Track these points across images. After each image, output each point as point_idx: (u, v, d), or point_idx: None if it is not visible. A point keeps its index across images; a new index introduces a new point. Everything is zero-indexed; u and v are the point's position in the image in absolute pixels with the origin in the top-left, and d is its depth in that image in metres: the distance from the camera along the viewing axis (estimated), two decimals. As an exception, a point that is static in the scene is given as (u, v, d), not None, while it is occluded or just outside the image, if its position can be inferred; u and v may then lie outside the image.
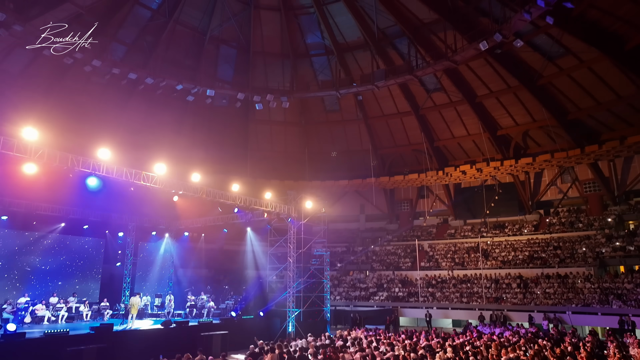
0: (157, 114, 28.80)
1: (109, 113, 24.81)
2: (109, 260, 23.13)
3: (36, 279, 19.80)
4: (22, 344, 12.57)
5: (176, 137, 28.59)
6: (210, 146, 31.76)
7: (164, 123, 28.86)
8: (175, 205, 19.28)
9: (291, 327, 20.78)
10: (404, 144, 37.71)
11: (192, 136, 32.54)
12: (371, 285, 34.25)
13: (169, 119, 30.01)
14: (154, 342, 15.40)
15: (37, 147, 12.59)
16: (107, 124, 22.01)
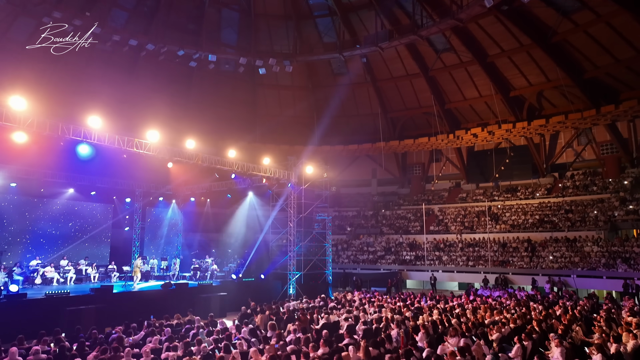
0: (158, 82, 28.90)
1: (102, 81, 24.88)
2: (118, 225, 23.91)
3: (47, 243, 20.69)
4: (23, 304, 13.32)
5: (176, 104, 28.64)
6: (215, 112, 31.77)
7: (163, 91, 28.93)
8: (178, 171, 19.63)
9: (292, 290, 21.29)
10: (414, 107, 36.98)
11: (199, 102, 32.63)
12: (379, 249, 34.55)
13: (172, 86, 30.08)
14: (152, 303, 16.05)
15: (27, 115, 12.87)
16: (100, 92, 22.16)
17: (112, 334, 10.36)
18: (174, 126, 19.61)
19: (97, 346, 9.39)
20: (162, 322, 12.13)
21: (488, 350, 9.83)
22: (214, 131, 26.60)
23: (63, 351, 8.92)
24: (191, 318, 12.89)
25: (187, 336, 10.74)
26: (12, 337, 10.18)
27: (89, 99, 18.17)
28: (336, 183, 45.23)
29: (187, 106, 29.75)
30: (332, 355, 8.57)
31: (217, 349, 9.33)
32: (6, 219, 19.72)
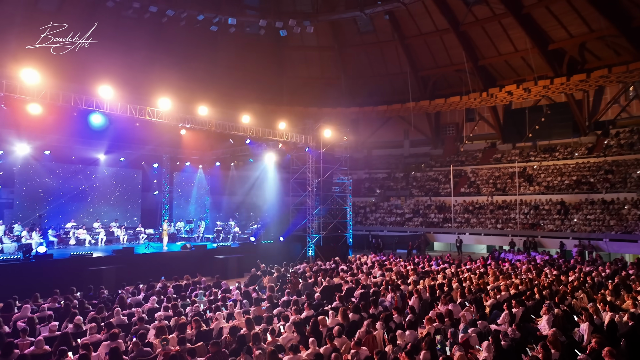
0: (187, 48, 29.17)
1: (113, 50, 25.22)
2: (147, 189, 25.03)
3: (80, 206, 22.05)
4: (50, 264, 14.44)
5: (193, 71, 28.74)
6: (238, 77, 31.83)
7: (182, 58, 29.14)
8: (201, 136, 20.13)
9: (311, 252, 21.75)
10: (445, 65, 35.46)
11: (225, 67, 32.75)
12: (407, 211, 34.33)
13: (194, 52, 30.29)
14: (171, 264, 16.94)
15: (40, 88, 13.48)
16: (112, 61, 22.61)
17: (119, 294, 11.10)
18: (189, 93, 19.88)
19: (101, 304, 10.13)
20: (166, 283, 12.83)
21: (475, 317, 9.76)
22: (234, 97, 26.70)
23: (68, 308, 9.69)
24: (198, 279, 13.53)
25: (188, 297, 11.34)
26: (40, 294, 11.16)
27: (100, 68, 18.63)
28: (367, 145, 44.86)
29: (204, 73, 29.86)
30: (315, 318, 8.78)
31: (208, 310, 9.81)
32: (42, 184, 21.08)
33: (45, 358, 6.67)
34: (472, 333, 7.98)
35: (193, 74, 28.00)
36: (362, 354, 6.85)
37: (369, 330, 7.99)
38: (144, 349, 6.90)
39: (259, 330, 8.15)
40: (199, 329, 8.19)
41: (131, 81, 19.26)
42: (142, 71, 23.98)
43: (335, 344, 7.34)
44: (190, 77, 26.93)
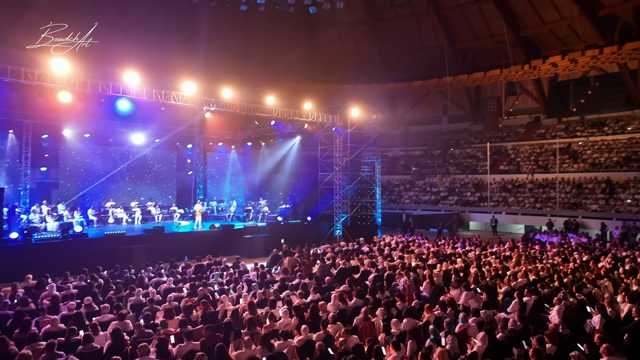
0: (217, 29, 29.39)
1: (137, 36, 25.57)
2: (181, 169, 25.87)
3: (119, 186, 23.17)
4: (86, 242, 15.39)
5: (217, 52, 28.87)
6: (271, 56, 31.78)
7: (213, 37, 29.29)
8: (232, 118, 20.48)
9: (338, 232, 21.88)
10: (485, 36, 33.86)
11: (260, 46, 32.77)
12: (443, 190, 33.64)
13: (226, 32, 30.46)
14: (199, 243, 17.59)
15: (69, 76, 14.12)
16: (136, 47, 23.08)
17: (140, 273, 11.71)
18: (213, 76, 20.16)
19: (119, 285, 10.76)
20: (188, 263, 13.37)
21: (479, 305, 9.54)
22: (261, 78, 26.76)
23: (91, 287, 10.37)
24: (219, 259, 13.99)
25: (206, 277, 11.79)
26: (74, 272, 12.00)
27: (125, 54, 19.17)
28: (404, 121, 44.00)
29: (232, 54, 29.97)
30: (316, 303, 8.93)
31: (220, 291, 10.16)
32: (84, 165, 22.28)
33: (58, 336, 7.20)
34: (473, 323, 7.85)
35: (219, 56, 28.25)
36: (352, 342, 6.92)
37: (367, 317, 8.04)
38: (145, 330, 7.32)
39: (260, 314, 8.40)
40: (205, 311, 8.54)
41: (156, 66, 19.75)
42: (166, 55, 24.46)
43: (329, 330, 7.45)
44: (216, 59, 27.23)
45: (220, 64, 25.87)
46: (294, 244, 18.73)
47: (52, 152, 21.64)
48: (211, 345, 6.75)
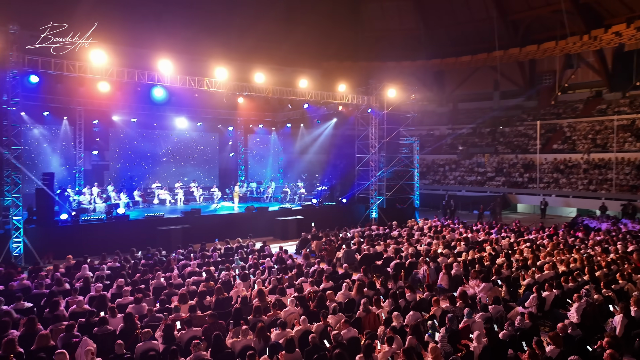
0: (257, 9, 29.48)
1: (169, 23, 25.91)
2: (223, 151, 26.63)
3: (164, 168, 24.31)
4: (127, 223, 16.38)
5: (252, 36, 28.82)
6: (312, 34, 31.48)
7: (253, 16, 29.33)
8: (269, 100, 20.72)
9: (374, 214, 21.78)
10: (539, 5, 31.71)
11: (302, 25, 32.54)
12: (490, 170, 32.37)
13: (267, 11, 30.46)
14: (234, 224, 18.16)
15: (107, 67, 14.84)
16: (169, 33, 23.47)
17: (168, 256, 12.34)
18: (247, 61, 20.34)
19: (154, 265, 11.42)
20: (217, 245, 13.89)
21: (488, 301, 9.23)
22: (296, 58, 26.63)
23: (123, 268, 11.10)
24: (246, 242, 14.41)
25: (230, 261, 12.25)
26: (111, 250, 12.93)
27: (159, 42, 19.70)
28: (453, 98, 42.45)
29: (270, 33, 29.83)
30: (323, 293, 9.02)
31: (239, 277, 10.46)
32: (132, 147, 23.50)
33: (82, 317, 7.83)
34: (479, 319, 7.65)
35: (255, 37, 28.25)
36: (348, 334, 6.99)
37: (367, 308, 8.04)
38: (156, 315, 7.79)
39: (269, 301, 8.64)
40: (218, 296, 8.91)
41: (189, 52, 20.18)
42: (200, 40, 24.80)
43: (330, 321, 7.56)
44: (250, 43, 27.28)
45: (254, 47, 25.98)
46: (327, 226, 18.92)
47: (103, 136, 22.95)
48: (213, 332, 7.08)
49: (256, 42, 27.00)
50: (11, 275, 10.39)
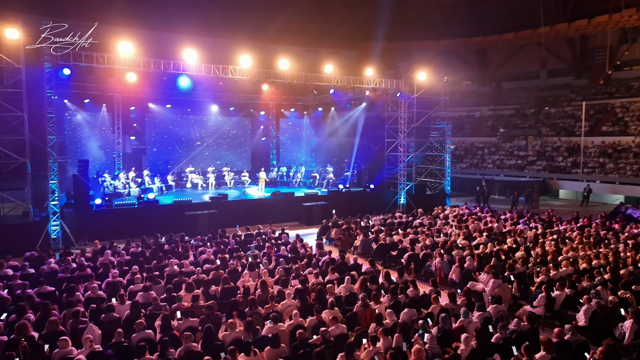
0: None
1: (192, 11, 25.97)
2: (255, 135, 27.00)
3: (197, 152, 25.01)
4: (157, 207, 17.08)
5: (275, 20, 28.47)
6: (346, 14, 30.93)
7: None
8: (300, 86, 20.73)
9: (402, 200, 21.51)
10: (591, -24, 29.38)
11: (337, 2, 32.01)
12: (531, 153, 30.97)
13: None
14: (259, 210, 18.52)
15: (134, 57, 15.34)
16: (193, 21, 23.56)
17: (185, 243, 12.78)
18: (270, 44, 20.37)
19: (172, 252, 11.92)
20: (237, 231, 14.24)
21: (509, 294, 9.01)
22: (326, 39, 26.27)
23: (143, 254, 11.67)
24: (265, 229, 14.68)
25: (247, 248, 12.57)
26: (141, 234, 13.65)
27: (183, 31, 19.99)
28: (496, 77, 40.63)
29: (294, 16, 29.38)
30: (323, 286, 9.06)
31: (249, 266, 10.69)
32: (166, 133, 24.30)
33: (95, 302, 8.36)
34: (476, 319, 7.49)
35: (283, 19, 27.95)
36: (336, 331, 7.06)
37: (366, 303, 8.06)
38: (160, 303, 8.17)
39: (272, 292, 8.83)
40: (224, 286, 9.21)
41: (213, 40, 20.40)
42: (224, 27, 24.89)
43: (323, 316, 7.64)
44: (281, 22, 27.02)
45: (282, 29, 25.81)
46: (354, 213, 18.91)
47: (140, 121, 23.88)
48: (208, 323, 7.37)
49: (284, 24, 26.75)
50: (43, 258, 11.19)
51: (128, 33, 15.51)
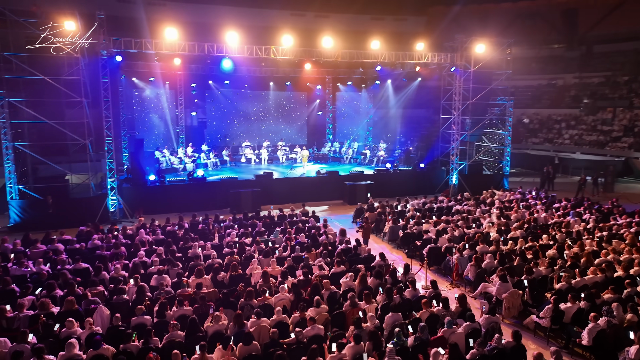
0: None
1: None
2: (312, 110, 27.10)
3: (254, 127, 25.80)
4: (204, 184, 18.05)
5: None
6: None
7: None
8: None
9: (454, 181, 20.63)
10: None
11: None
12: (617, 129, 27.80)
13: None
14: (302, 189, 18.84)
15: (180, 42, 16.03)
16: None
17: (213, 224, 13.42)
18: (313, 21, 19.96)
19: (202, 233, 12.71)
20: (270, 211, 14.70)
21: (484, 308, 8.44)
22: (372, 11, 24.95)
23: (174, 233, 12.57)
24: (301, 210, 14.97)
25: (273, 230, 12.99)
26: (190, 209, 14.82)
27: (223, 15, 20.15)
28: (587, 39, 36.40)
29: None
30: (319, 280, 9.14)
31: (264, 253, 11.03)
32: (225, 108, 25.29)
33: (115, 283, 9.24)
34: (461, 330, 7.22)
35: None
36: (311, 332, 7.19)
37: (354, 302, 8.07)
38: (166, 288, 8.85)
39: (272, 283, 9.16)
40: (232, 272, 9.70)
41: (255, 21, 20.39)
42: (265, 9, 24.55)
43: (309, 313, 7.80)
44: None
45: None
46: (400, 193, 18.70)
47: (200, 97, 25.06)
48: (200, 313, 7.90)
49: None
50: (90, 234, 12.50)
51: (173, 18, 16.15)
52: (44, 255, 10.96)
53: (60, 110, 15.64)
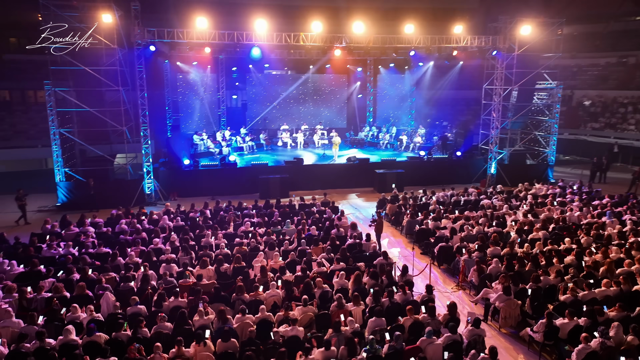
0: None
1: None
2: (352, 93, 26.70)
3: (293, 110, 25.93)
4: (235, 169, 18.51)
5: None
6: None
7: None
8: None
9: (492, 170, 19.73)
10: None
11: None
12: (691, 114, 25.03)
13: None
14: (331, 176, 18.89)
15: (210, 31, 16.38)
16: None
17: (233, 211, 13.83)
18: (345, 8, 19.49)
19: (221, 220, 13.20)
20: (291, 200, 14.92)
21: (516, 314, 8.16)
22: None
23: (192, 219, 13.16)
24: (321, 200, 15.05)
25: (288, 220, 13.20)
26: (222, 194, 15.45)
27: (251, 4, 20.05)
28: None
29: None
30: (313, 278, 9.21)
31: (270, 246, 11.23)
32: (266, 91, 25.57)
33: (128, 269, 9.90)
34: (439, 340, 7.08)
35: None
36: (289, 333, 7.34)
37: (341, 304, 8.11)
38: (169, 278, 9.35)
39: (269, 278, 9.39)
40: (235, 264, 10.04)
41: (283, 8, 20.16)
42: None
43: (294, 313, 7.96)
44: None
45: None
46: (434, 183, 18.36)
47: (241, 81, 25.53)
48: (193, 305, 8.33)
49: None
50: (119, 218, 13.37)
51: (202, 7, 16.47)
52: (75, 237, 11.91)
53: (101, 98, 16.65)
